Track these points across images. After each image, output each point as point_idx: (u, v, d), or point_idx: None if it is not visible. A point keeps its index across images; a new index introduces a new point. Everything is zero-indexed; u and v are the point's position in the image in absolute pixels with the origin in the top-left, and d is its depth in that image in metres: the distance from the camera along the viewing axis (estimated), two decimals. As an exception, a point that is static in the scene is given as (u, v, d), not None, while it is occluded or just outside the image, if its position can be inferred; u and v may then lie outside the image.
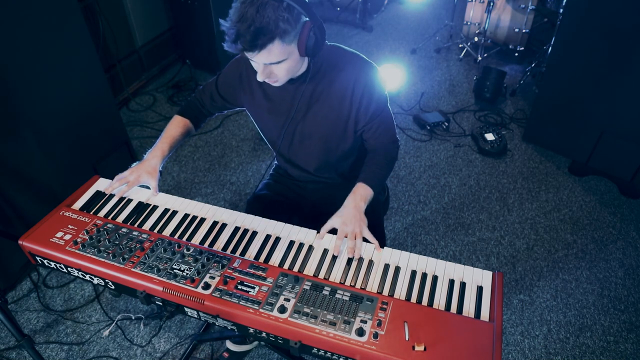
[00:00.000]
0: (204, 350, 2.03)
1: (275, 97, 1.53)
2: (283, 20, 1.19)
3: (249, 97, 1.58)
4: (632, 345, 2.07)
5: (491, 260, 2.45)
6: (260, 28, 1.17)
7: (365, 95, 1.47)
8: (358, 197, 1.47)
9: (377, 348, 1.10)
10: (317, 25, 1.28)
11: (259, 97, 1.56)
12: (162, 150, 1.59)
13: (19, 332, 1.66)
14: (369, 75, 1.47)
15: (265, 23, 1.17)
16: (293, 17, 1.21)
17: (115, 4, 3.35)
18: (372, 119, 1.52)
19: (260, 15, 1.16)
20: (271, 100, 1.54)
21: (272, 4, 1.17)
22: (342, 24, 4.91)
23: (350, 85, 1.46)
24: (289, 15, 1.20)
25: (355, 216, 1.42)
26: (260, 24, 1.16)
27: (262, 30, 1.17)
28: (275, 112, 1.56)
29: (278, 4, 1.18)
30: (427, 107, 3.63)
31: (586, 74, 2.70)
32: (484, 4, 3.91)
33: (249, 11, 1.16)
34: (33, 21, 1.99)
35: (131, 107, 3.59)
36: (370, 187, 1.50)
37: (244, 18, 1.16)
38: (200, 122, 1.74)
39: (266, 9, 1.16)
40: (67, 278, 2.33)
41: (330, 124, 1.53)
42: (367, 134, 1.57)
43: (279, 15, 1.18)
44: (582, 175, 2.98)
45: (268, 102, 1.55)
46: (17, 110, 2.02)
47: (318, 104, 1.50)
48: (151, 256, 1.34)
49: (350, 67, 1.47)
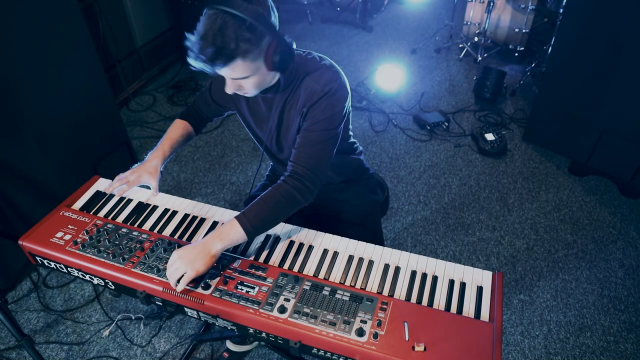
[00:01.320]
0: (204, 350, 2.03)
1: (255, 106, 1.52)
2: (244, 40, 1.16)
3: (236, 104, 1.59)
4: (632, 345, 2.07)
5: (491, 260, 2.45)
6: (220, 48, 1.15)
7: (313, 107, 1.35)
8: (215, 234, 1.27)
9: (377, 348, 1.10)
10: (281, 43, 1.24)
11: (244, 106, 1.56)
12: (163, 151, 1.59)
13: (19, 332, 1.66)
14: (325, 89, 1.34)
15: (225, 43, 1.15)
16: (256, 36, 1.18)
17: (115, 4, 3.35)
18: (305, 132, 1.37)
19: (221, 34, 1.15)
20: (252, 110, 1.54)
21: (233, 23, 1.15)
22: (342, 24, 4.90)
23: (306, 95, 1.37)
24: (251, 34, 1.17)
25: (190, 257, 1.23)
26: (221, 43, 1.15)
27: (221, 49, 1.16)
28: (257, 120, 1.55)
29: (240, 23, 1.15)
30: (427, 107, 3.63)
31: (586, 74, 2.70)
32: (484, 4, 3.91)
33: (211, 29, 1.15)
34: (33, 21, 1.99)
35: (131, 107, 3.59)
36: (241, 227, 1.27)
37: (206, 36, 1.16)
38: (200, 126, 1.74)
39: (227, 29, 1.15)
40: (67, 278, 2.33)
41: (293, 135, 1.47)
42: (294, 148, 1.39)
43: (239, 35, 1.16)
44: (582, 175, 2.98)
45: (250, 111, 1.55)
46: (17, 111, 2.02)
47: (288, 114, 1.46)
48: (151, 256, 1.34)
49: (312, 79, 1.37)
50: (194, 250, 1.25)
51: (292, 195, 1.33)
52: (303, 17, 5.02)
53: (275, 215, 1.34)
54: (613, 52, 2.54)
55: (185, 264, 1.22)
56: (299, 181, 1.34)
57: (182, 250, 1.26)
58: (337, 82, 1.36)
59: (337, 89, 1.35)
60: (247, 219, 1.29)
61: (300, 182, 1.34)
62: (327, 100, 1.34)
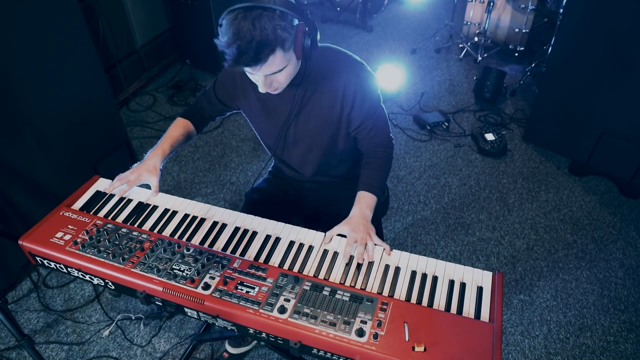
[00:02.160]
0: (204, 350, 2.03)
1: (269, 100, 1.52)
2: (281, 28, 1.16)
3: (244, 101, 1.58)
4: (632, 345, 2.07)
5: (491, 261, 2.45)
6: (261, 41, 1.14)
7: (357, 96, 1.45)
8: (364, 206, 1.47)
9: (377, 348, 1.10)
10: (310, 26, 1.25)
11: (254, 101, 1.55)
12: (162, 149, 1.59)
13: (19, 332, 1.66)
14: (360, 76, 1.45)
15: (265, 35, 1.14)
16: (288, 23, 1.19)
17: (115, 4, 3.35)
18: (365, 119, 1.50)
19: (258, 28, 1.13)
20: (265, 104, 1.54)
21: (266, 14, 1.14)
22: (342, 24, 4.90)
23: (341, 87, 1.43)
24: (284, 22, 1.17)
25: (364, 224, 1.41)
26: (260, 37, 1.13)
27: (263, 43, 1.14)
28: (269, 115, 1.55)
29: (272, 13, 1.15)
30: (427, 107, 3.63)
31: (586, 74, 2.70)
32: (484, 4, 3.91)
33: (245, 26, 1.12)
34: (33, 21, 1.99)
35: (131, 107, 3.59)
36: (372, 194, 1.50)
37: (241, 34, 1.13)
38: (201, 125, 1.74)
39: (262, 21, 1.13)
40: (67, 278, 2.33)
41: (321, 126, 1.51)
42: (361, 135, 1.55)
43: (275, 24, 1.15)
44: (582, 175, 2.98)
45: (262, 105, 1.55)
46: (17, 111, 2.02)
47: (309, 106, 1.48)
48: (151, 256, 1.34)
49: (341, 68, 1.44)
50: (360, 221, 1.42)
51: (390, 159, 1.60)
52: (303, 17, 5.01)
53: (386, 174, 1.60)
54: (613, 52, 2.54)
55: (362, 230, 1.38)
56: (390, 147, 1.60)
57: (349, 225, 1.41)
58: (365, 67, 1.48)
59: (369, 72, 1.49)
60: (374, 186, 1.51)
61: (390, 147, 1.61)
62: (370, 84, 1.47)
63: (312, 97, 1.47)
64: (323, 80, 1.44)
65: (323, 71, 1.44)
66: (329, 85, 1.45)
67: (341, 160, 1.67)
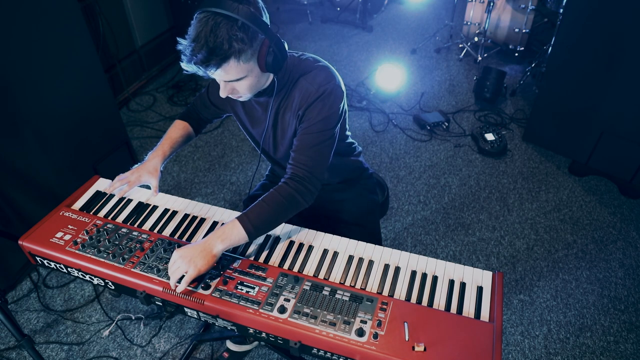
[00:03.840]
0: (204, 350, 2.03)
1: (251, 109, 1.52)
2: (237, 39, 1.16)
3: (232, 107, 1.58)
4: (632, 345, 2.07)
5: (491, 260, 2.45)
6: (213, 48, 1.14)
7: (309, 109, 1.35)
8: (218, 234, 1.28)
9: (377, 348, 1.10)
10: (274, 42, 1.23)
11: (240, 108, 1.56)
12: (162, 151, 1.59)
13: (19, 332, 1.66)
14: (320, 90, 1.34)
15: (218, 43, 1.14)
16: (248, 36, 1.18)
17: (115, 4, 3.35)
18: (303, 135, 1.36)
19: (214, 35, 1.14)
20: (248, 112, 1.54)
21: (226, 23, 1.14)
22: (342, 24, 4.90)
23: (301, 97, 1.37)
24: (244, 34, 1.16)
25: (191, 256, 1.23)
26: (214, 44, 1.14)
27: (214, 50, 1.15)
28: (252, 123, 1.55)
29: (232, 23, 1.15)
30: (427, 107, 3.63)
31: (586, 74, 2.70)
32: (484, 4, 3.91)
33: (203, 31, 1.14)
34: (33, 21, 1.99)
35: (131, 107, 3.59)
36: (242, 229, 1.28)
37: (198, 38, 1.15)
38: (200, 127, 1.74)
39: (219, 29, 1.14)
40: (67, 278, 2.33)
41: (290, 137, 1.46)
42: (292, 151, 1.39)
43: (232, 35, 1.15)
44: (582, 175, 2.98)
45: (246, 113, 1.54)
46: (17, 110, 2.02)
47: (283, 117, 1.45)
48: (151, 256, 1.34)
49: (307, 80, 1.37)
50: (195, 249, 1.25)
51: (292, 197, 1.34)
52: (303, 17, 5.02)
53: (277, 216, 1.34)
54: (613, 52, 2.54)
55: (187, 263, 1.22)
56: (300, 183, 1.35)
57: (183, 249, 1.26)
58: (332, 83, 1.35)
59: (332, 89, 1.34)
60: (248, 220, 1.29)
61: (301, 184, 1.35)
62: (322, 102, 1.34)
63: (285, 108, 1.43)
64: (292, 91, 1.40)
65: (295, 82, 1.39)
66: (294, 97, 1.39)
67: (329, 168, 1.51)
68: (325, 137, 1.36)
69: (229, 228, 1.28)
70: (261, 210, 1.31)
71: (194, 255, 1.24)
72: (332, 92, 1.34)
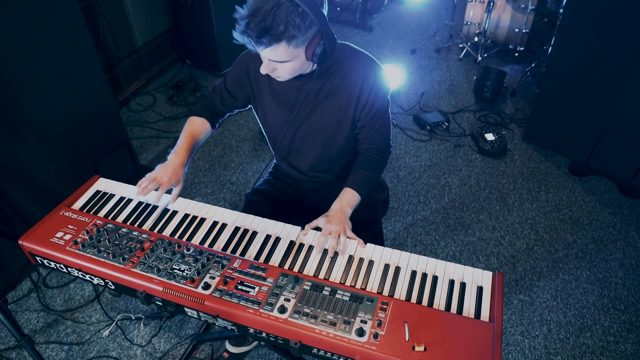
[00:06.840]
0: (204, 350, 2.03)
1: (281, 92, 1.53)
2: (293, 25, 1.18)
3: (255, 91, 1.58)
4: (632, 345, 2.07)
5: (491, 260, 2.45)
6: (268, 27, 1.17)
7: (372, 94, 1.47)
8: (344, 202, 1.48)
9: (377, 348, 1.10)
10: (327, 37, 1.27)
11: (265, 92, 1.56)
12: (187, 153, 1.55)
13: (19, 332, 1.66)
14: (377, 75, 1.47)
15: (275, 24, 1.17)
16: (305, 24, 1.20)
17: (115, 4, 3.35)
18: (373, 119, 1.52)
19: (273, 14, 1.16)
20: (277, 96, 1.54)
21: (288, 6, 1.17)
22: (342, 24, 4.90)
23: (359, 84, 1.46)
24: (301, 21, 1.19)
25: (340, 218, 1.43)
26: (271, 23, 1.16)
27: (269, 29, 1.17)
28: (280, 107, 1.56)
29: (294, 8, 1.17)
30: (427, 107, 3.63)
31: (586, 74, 2.71)
32: (484, 4, 3.91)
33: (264, 7, 1.16)
34: (33, 21, 1.99)
35: (131, 107, 3.59)
36: (357, 193, 1.50)
37: (257, 13, 1.16)
38: (215, 121, 1.69)
39: (280, 10, 1.16)
40: (67, 278, 2.33)
41: (335, 121, 1.53)
42: (363, 135, 1.57)
43: (290, 19, 1.17)
44: (582, 175, 2.98)
45: (274, 97, 1.55)
46: (17, 111, 2.02)
47: (326, 101, 1.50)
48: (151, 256, 1.34)
49: (359, 66, 1.46)
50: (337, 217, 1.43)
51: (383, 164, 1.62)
52: (303, 17, 5.01)
53: (376, 177, 1.60)
54: (613, 52, 2.54)
55: (338, 224, 1.40)
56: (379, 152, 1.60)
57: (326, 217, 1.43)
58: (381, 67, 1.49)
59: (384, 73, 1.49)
60: (360, 185, 1.51)
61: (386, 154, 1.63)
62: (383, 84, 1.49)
63: (329, 92, 1.49)
64: (340, 77, 1.46)
65: (341, 68, 1.46)
66: (346, 82, 1.46)
67: (340, 156, 1.68)
68: (388, 114, 1.56)
69: (349, 195, 1.50)
70: (364, 175, 1.54)
71: (339, 220, 1.42)
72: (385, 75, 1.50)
